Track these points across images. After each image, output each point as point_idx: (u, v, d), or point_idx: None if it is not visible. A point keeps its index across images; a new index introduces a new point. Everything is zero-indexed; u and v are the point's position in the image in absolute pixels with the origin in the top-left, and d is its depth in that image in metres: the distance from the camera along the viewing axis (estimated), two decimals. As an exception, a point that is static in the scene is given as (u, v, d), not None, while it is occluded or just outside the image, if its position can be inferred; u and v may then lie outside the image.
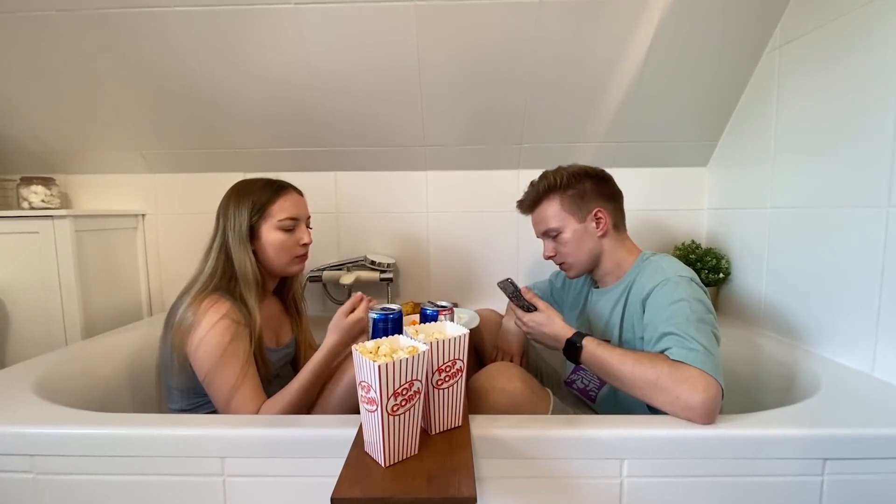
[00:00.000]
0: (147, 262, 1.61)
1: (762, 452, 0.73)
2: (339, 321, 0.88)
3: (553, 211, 1.00)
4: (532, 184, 1.05)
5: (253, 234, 0.97)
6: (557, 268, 1.28)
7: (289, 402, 0.86)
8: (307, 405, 0.89)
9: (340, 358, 0.91)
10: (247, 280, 0.94)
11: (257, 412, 0.85)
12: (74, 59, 1.29)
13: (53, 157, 1.54)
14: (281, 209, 0.98)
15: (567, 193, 1.00)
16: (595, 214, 0.99)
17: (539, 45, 1.23)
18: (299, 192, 1.05)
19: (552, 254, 1.03)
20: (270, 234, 0.98)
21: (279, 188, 1.01)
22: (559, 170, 1.02)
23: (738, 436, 0.73)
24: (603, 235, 1.00)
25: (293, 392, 0.86)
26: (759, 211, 1.27)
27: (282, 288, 1.11)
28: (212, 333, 0.87)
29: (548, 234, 1.03)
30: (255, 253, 0.98)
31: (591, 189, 1.00)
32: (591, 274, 1.06)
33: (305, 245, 1.03)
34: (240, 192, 0.99)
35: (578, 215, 0.99)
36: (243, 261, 0.95)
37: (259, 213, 0.97)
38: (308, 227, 1.05)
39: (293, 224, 1.00)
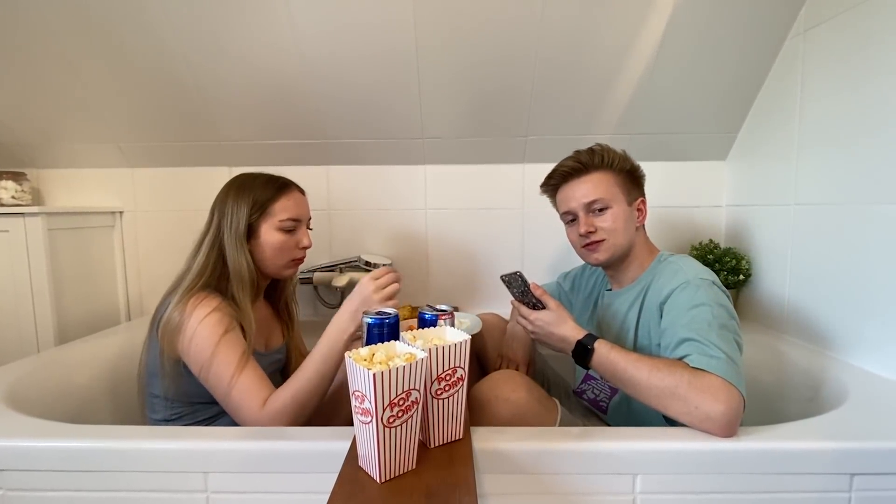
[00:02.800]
0: (125, 263, 1.61)
1: (786, 467, 0.73)
2: (364, 288, 0.86)
3: (609, 183, 0.99)
4: (577, 153, 1.02)
5: (250, 233, 0.98)
6: (563, 270, 1.29)
7: (299, 389, 0.83)
8: (323, 392, 0.86)
9: (355, 335, 0.87)
10: (242, 280, 0.95)
11: (264, 403, 0.84)
12: (46, 44, 1.29)
13: (24, 151, 1.54)
14: (283, 209, 0.99)
15: (621, 174, 1.01)
16: (639, 204, 1.02)
17: (546, 30, 1.23)
18: (302, 192, 1.05)
19: (592, 229, 0.99)
20: (269, 235, 0.98)
21: (282, 186, 1.01)
22: (609, 148, 1.01)
23: (759, 449, 0.73)
24: (639, 228, 1.02)
25: (304, 377, 0.84)
26: (783, 208, 1.27)
27: (273, 290, 1.12)
28: (203, 326, 0.87)
29: (591, 208, 0.99)
30: (250, 253, 0.98)
31: (636, 179, 1.03)
32: (611, 270, 1.06)
33: (305, 248, 1.03)
34: (240, 188, 0.99)
35: (628, 198, 1.00)
36: (239, 260, 0.95)
37: (260, 211, 0.97)
38: (308, 228, 1.06)
39: (294, 225, 1.00)
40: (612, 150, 1.01)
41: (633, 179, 1.02)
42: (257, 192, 0.98)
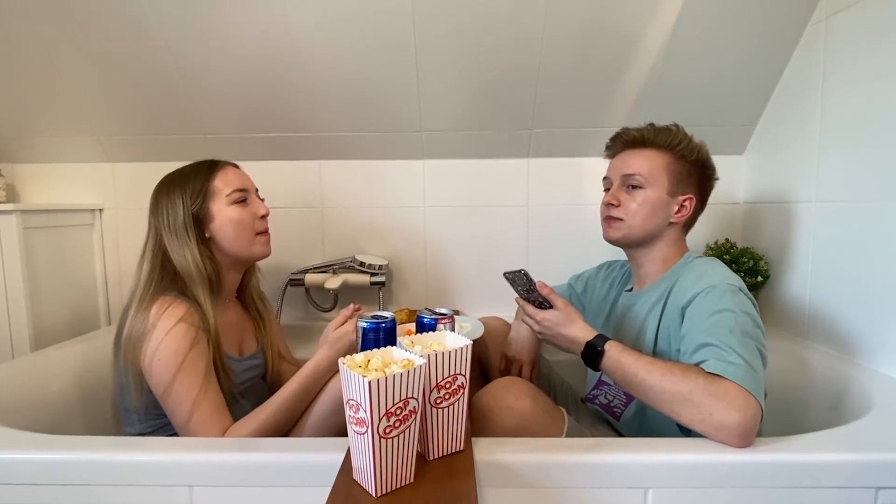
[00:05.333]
0: (105, 264, 1.61)
1: (806, 481, 0.73)
2: (327, 333, 0.91)
3: (657, 164, 0.98)
4: (651, 125, 1.02)
5: (201, 221, 0.98)
6: (571, 272, 1.29)
7: (262, 424, 0.86)
8: (285, 430, 0.89)
9: (328, 376, 0.91)
10: (191, 276, 0.95)
11: (222, 434, 0.85)
12: (20, 30, 1.29)
13: (-2, 144, 1.54)
14: (224, 183, 1.00)
15: (679, 161, 0.99)
16: (684, 200, 1.00)
17: (552, 16, 1.23)
18: (235, 165, 1.07)
19: (615, 202, 1.00)
20: (224, 212, 0.99)
21: (212, 164, 1.03)
22: (683, 133, 1.01)
23: (778, 461, 0.73)
24: (673, 224, 1.00)
25: (269, 412, 0.87)
26: (804, 205, 1.27)
27: (243, 289, 1.12)
28: (168, 340, 0.87)
29: (627, 181, 1.00)
30: (210, 241, 0.99)
31: (698, 176, 1.01)
32: (631, 252, 1.05)
33: (264, 217, 1.04)
34: (169, 184, 1.00)
35: (673, 188, 0.99)
36: (183, 255, 0.95)
37: (202, 195, 0.98)
38: (260, 198, 1.07)
39: (244, 195, 1.02)
40: (683, 134, 1.00)
41: (692, 173, 1.00)
42: (190, 181, 0.99)
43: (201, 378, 0.87)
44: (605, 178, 1.06)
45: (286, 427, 0.89)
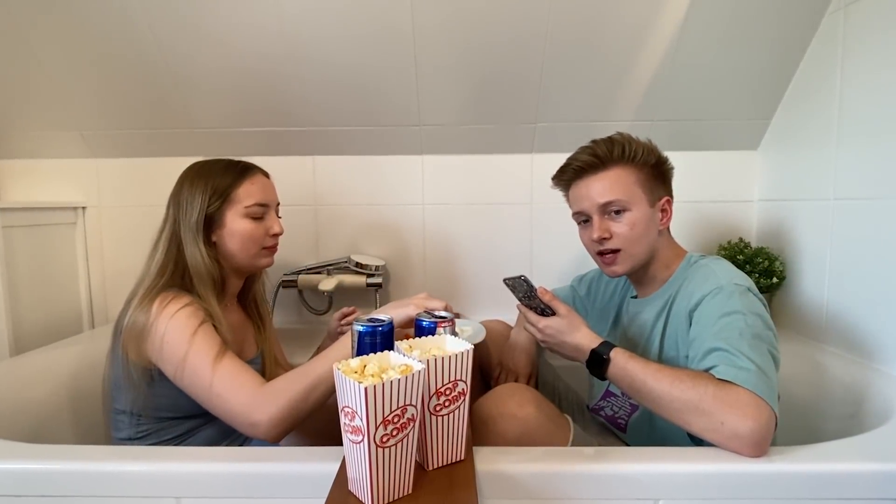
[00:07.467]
0: (88, 264, 1.61)
1: (823, 492, 0.73)
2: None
3: (628, 181, 0.97)
4: (594, 143, 1.00)
5: (212, 223, 0.99)
6: (577, 273, 1.29)
7: (304, 390, 0.82)
8: (325, 397, 0.84)
9: None
10: (200, 275, 0.96)
11: (255, 385, 0.83)
12: (1, 22, 1.29)
13: (-24, 139, 1.54)
14: (248, 194, 1.01)
15: (644, 169, 0.98)
16: (663, 204, 1.00)
17: (557, 5, 1.23)
18: (266, 175, 1.07)
19: (606, 235, 0.97)
20: (236, 223, 1.00)
21: (244, 170, 1.03)
22: (632, 139, 0.99)
23: (793, 471, 0.73)
24: (662, 230, 1.00)
25: (310, 381, 0.82)
26: (821, 203, 1.27)
27: (245, 293, 1.12)
28: (175, 321, 0.88)
29: (606, 210, 0.98)
30: (215, 245, 1.00)
31: (662, 175, 1.01)
32: (634, 276, 1.06)
33: (276, 235, 1.05)
34: (196, 176, 1.01)
35: (650, 198, 0.98)
36: (194, 254, 0.97)
37: (221, 198, 0.99)
38: (278, 215, 1.08)
39: (262, 211, 1.02)
40: (635, 141, 0.99)
41: (658, 175, 1.00)
42: (216, 180, 0.99)
43: (216, 346, 0.88)
44: (578, 213, 1.03)
45: (326, 395, 0.84)
